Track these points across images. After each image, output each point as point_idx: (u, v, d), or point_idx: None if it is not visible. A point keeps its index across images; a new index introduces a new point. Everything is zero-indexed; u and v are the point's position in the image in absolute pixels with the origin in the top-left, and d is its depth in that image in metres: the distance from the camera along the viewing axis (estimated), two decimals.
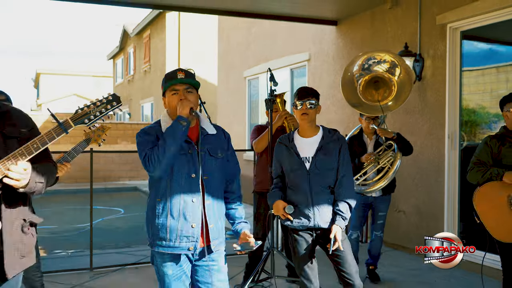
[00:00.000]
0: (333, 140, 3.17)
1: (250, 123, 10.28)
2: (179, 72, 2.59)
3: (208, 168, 2.62)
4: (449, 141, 5.40)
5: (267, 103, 4.38)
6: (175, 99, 2.58)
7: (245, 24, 10.37)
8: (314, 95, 3.23)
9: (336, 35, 7.37)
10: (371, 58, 4.58)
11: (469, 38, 5.37)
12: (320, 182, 3.11)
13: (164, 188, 2.55)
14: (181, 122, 2.49)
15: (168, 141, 2.47)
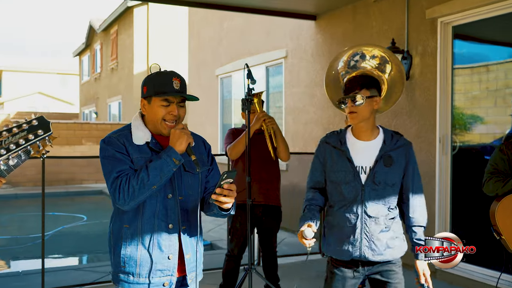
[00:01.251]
0: (397, 147, 2.48)
1: (223, 124, 9.75)
2: (175, 79, 2.07)
3: (184, 187, 2.13)
4: (440, 145, 4.98)
5: (244, 103, 3.86)
6: (164, 110, 2.08)
7: (216, 19, 9.83)
8: (365, 85, 2.48)
9: (315, 30, 6.90)
10: (358, 53, 4.14)
11: (460, 36, 4.96)
12: (377, 201, 2.43)
13: (134, 213, 2.08)
14: (175, 160, 2.00)
15: (153, 178, 1.98)
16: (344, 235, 2.45)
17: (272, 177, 4.10)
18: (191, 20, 11.25)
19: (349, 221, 2.44)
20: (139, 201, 1.99)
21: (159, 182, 1.97)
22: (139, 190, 1.95)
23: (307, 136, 6.83)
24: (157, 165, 1.98)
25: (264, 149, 4.01)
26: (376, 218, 2.41)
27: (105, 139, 2.09)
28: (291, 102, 7.45)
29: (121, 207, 2.01)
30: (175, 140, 2.01)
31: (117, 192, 1.96)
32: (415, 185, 2.49)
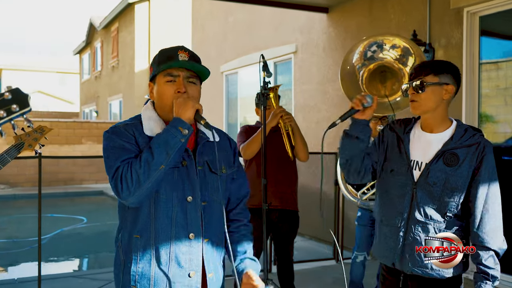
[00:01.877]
0: (469, 144, 2.06)
1: (228, 123, 9.41)
2: (181, 52, 1.77)
3: (208, 190, 1.78)
4: None
5: (259, 98, 3.52)
6: (170, 89, 1.74)
7: (221, 13, 9.49)
8: (435, 69, 2.08)
9: (327, 23, 6.56)
10: (375, 43, 3.78)
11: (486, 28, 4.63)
12: (430, 204, 2.06)
13: (145, 219, 1.71)
14: (181, 129, 1.66)
15: (158, 156, 1.63)
16: (388, 234, 2.15)
17: (289, 179, 3.77)
18: (195, 14, 10.91)
19: (394, 221, 2.12)
20: (147, 189, 1.63)
21: (167, 159, 1.63)
22: (144, 173, 1.61)
23: (319, 135, 6.48)
24: (161, 139, 1.65)
25: (280, 148, 3.68)
26: (425, 223, 2.05)
27: (110, 129, 1.75)
28: (301, 100, 7.11)
29: (127, 202, 1.66)
30: (178, 108, 1.68)
31: (119, 182, 1.63)
32: (488, 195, 2.02)
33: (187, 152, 1.76)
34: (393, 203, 2.14)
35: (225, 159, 1.88)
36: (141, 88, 16.58)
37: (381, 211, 2.21)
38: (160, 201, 1.70)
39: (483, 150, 2.03)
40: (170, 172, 1.71)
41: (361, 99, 2.13)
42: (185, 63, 1.73)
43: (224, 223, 1.70)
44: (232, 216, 1.93)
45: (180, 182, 1.72)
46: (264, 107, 3.38)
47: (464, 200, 2.05)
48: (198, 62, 1.79)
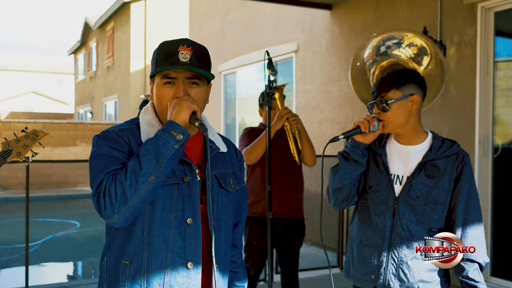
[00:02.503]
0: (448, 155, 1.99)
1: (226, 124, 9.14)
2: (182, 47, 1.49)
3: (217, 208, 1.55)
4: (480, 146, 4.39)
5: (263, 98, 3.26)
6: (169, 92, 1.50)
7: (219, 12, 9.22)
8: (394, 83, 2.00)
9: (330, 21, 6.30)
10: (393, 38, 3.52)
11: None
12: (413, 220, 1.96)
13: (137, 243, 1.46)
14: (174, 134, 1.41)
15: (146, 165, 1.38)
16: (368, 257, 2.03)
17: (295, 185, 3.50)
18: (192, 13, 10.64)
19: (376, 240, 2.01)
20: (134, 206, 1.37)
21: (157, 169, 1.38)
22: (130, 186, 1.35)
23: (321, 136, 6.22)
24: (150, 146, 1.40)
25: (286, 152, 3.41)
26: (409, 240, 1.95)
27: (101, 134, 1.51)
28: (303, 100, 6.84)
29: (111, 221, 1.40)
30: (172, 110, 1.45)
31: (102, 197, 1.37)
32: (470, 207, 1.96)
33: (189, 167, 1.50)
34: (373, 221, 2.03)
35: (233, 172, 1.63)
36: (137, 89, 16.30)
37: (360, 231, 2.08)
38: (156, 222, 1.45)
39: (463, 160, 1.99)
40: (169, 189, 1.46)
41: (370, 121, 1.98)
42: (184, 65, 1.47)
43: (212, 247, 1.44)
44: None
45: (180, 201, 1.47)
46: (269, 107, 3.11)
47: (447, 213, 1.99)
48: (203, 60, 1.52)
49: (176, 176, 1.47)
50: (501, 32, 4.39)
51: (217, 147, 1.60)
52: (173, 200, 1.47)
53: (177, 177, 1.48)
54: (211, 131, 1.63)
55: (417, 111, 2.02)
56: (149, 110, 1.57)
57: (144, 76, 16.44)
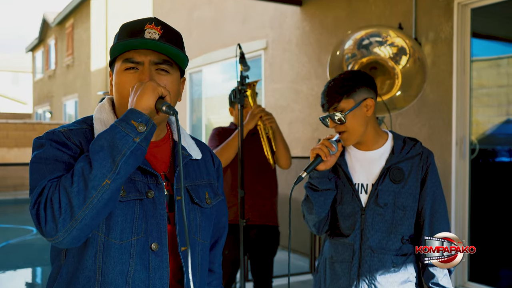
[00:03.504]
0: (411, 156, 1.88)
1: (192, 124, 8.84)
2: (149, 26, 1.21)
3: (189, 229, 1.25)
4: (457, 147, 4.26)
5: (234, 95, 3.01)
6: (131, 80, 1.20)
7: (185, 8, 8.91)
8: (343, 91, 1.85)
9: (300, 17, 6.09)
10: (375, 35, 3.37)
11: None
12: (384, 229, 1.85)
13: (87, 276, 1.15)
14: (135, 124, 1.10)
15: (99, 165, 1.06)
16: (339, 273, 1.91)
17: (269, 190, 3.27)
18: (156, 10, 10.29)
19: (345, 255, 1.89)
20: (84, 220, 1.06)
21: (113, 169, 1.07)
22: (79, 193, 1.05)
23: (291, 137, 6.01)
24: (104, 141, 1.09)
25: (259, 154, 3.16)
26: (381, 253, 1.85)
27: (45, 135, 1.20)
28: (272, 100, 6.62)
29: (55, 240, 1.07)
30: (133, 96, 1.15)
31: (43, 209, 1.06)
32: (435, 208, 1.88)
33: (155, 179, 1.21)
34: (342, 236, 1.91)
35: (210, 184, 1.35)
36: (98, 88, 15.78)
37: (331, 246, 1.96)
38: (112, 249, 1.15)
39: (427, 160, 1.90)
40: (130, 207, 1.17)
41: (329, 146, 1.81)
42: (153, 43, 1.18)
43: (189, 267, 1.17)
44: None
45: (143, 222, 1.18)
46: (241, 105, 2.87)
47: (416, 218, 1.90)
48: (174, 42, 1.24)
49: (138, 190, 1.19)
50: (477, 31, 4.28)
51: (189, 153, 1.31)
52: (135, 220, 1.18)
53: (140, 192, 1.19)
54: (183, 134, 1.34)
55: (373, 114, 1.92)
56: (105, 108, 1.27)
57: (106, 75, 15.93)
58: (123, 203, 1.17)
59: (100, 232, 1.15)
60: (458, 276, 4.20)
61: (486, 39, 4.54)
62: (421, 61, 3.36)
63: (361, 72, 1.98)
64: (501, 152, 4.40)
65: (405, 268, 1.87)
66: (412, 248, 1.90)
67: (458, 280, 4.22)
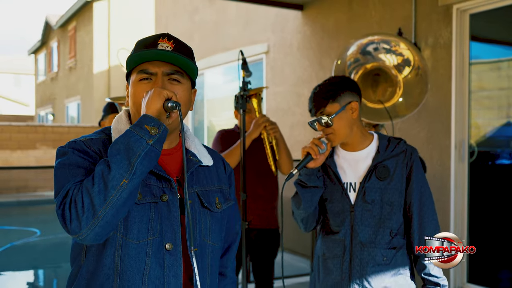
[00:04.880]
0: (395, 154, 1.98)
1: (194, 127, 8.90)
2: (162, 40, 1.31)
3: (200, 232, 1.34)
4: (456, 151, 4.32)
5: (237, 101, 3.07)
6: (144, 89, 1.30)
7: (186, 12, 8.98)
8: (328, 96, 1.96)
9: (301, 21, 6.16)
10: (384, 42, 3.43)
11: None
12: (372, 224, 1.94)
13: (106, 274, 1.25)
14: (148, 128, 1.20)
15: (116, 167, 1.17)
16: (331, 269, 2.00)
17: (270, 194, 3.33)
18: (158, 13, 10.36)
19: (337, 251, 1.99)
20: (105, 217, 1.15)
21: (129, 170, 1.17)
22: (99, 193, 1.14)
23: (293, 140, 6.07)
24: (120, 144, 1.19)
25: (261, 159, 3.23)
26: (371, 247, 1.93)
27: (68, 144, 1.30)
28: (274, 103, 6.68)
29: (80, 237, 1.17)
30: (147, 100, 1.25)
31: (67, 209, 1.15)
32: (423, 202, 1.97)
33: (169, 184, 1.30)
34: (333, 233, 2.02)
35: (220, 190, 1.43)
36: (101, 90, 15.86)
37: (323, 244, 2.06)
38: (129, 248, 1.24)
39: (411, 157, 1.99)
40: (146, 209, 1.26)
41: (319, 145, 1.93)
42: (165, 53, 1.26)
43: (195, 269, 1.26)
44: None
45: (158, 224, 1.27)
46: (244, 110, 2.93)
47: (403, 212, 1.99)
48: (186, 53, 1.33)
49: (153, 194, 1.28)
50: (476, 35, 4.34)
51: (199, 160, 1.40)
52: (150, 221, 1.27)
53: (155, 196, 1.28)
54: (193, 142, 1.43)
55: (358, 116, 2.02)
56: (123, 119, 1.36)
57: (108, 78, 16.01)
58: (139, 205, 1.26)
59: (119, 232, 1.24)
60: (458, 277, 4.25)
61: (487, 42, 4.60)
62: (424, 75, 3.41)
63: (345, 77, 2.09)
64: (501, 154, 4.45)
65: (396, 261, 1.95)
66: (402, 242, 1.98)
67: (457, 281, 4.28)
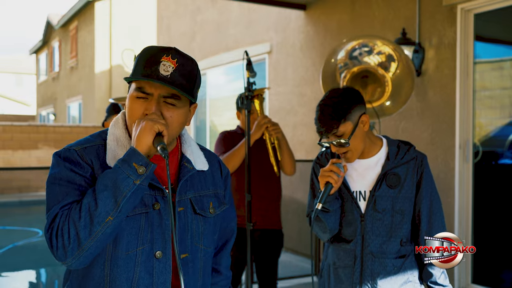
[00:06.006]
0: (405, 161, 1.95)
1: (196, 126, 8.89)
2: (166, 58, 1.28)
3: (191, 238, 1.36)
4: (461, 151, 4.30)
5: (241, 101, 3.05)
6: (140, 108, 1.31)
7: (189, 12, 8.97)
8: (340, 116, 1.85)
9: (304, 21, 6.14)
10: (365, 46, 3.45)
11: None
12: (383, 234, 1.91)
13: (96, 282, 1.29)
14: (136, 166, 1.22)
15: (103, 204, 1.20)
16: (342, 278, 1.99)
17: (273, 195, 3.32)
18: (160, 13, 10.34)
19: (347, 260, 1.97)
20: (90, 249, 1.20)
21: (115, 209, 1.20)
22: (85, 228, 1.18)
23: (295, 140, 6.07)
24: (108, 180, 1.22)
25: (264, 160, 3.22)
26: (382, 257, 1.93)
27: (62, 152, 1.31)
28: (276, 103, 6.67)
29: (66, 264, 1.24)
30: (135, 133, 1.27)
31: (55, 237, 1.20)
32: (432, 210, 1.96)
33: (162, 193, 1.31)
34: (344, 242, 1.98)
35: (215, 194, 1.44)
36: (102, 90, 15.84)
37: (334, 253, 2.03)
38: (119, 258, 1.27)
39: (422, 164, 1.97)
40: (136, 220, 1.28)
41: (337, 171, 1.86)
42: (164, 79, 1.26)
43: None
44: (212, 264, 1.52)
45: (148, 232, 1.30)
46: (248, 111, 2.92)
47: (413, 220, 1.97)
48: (187, 78, 1.31)
49: (145, 204, 1.30)
50: (480, 34, 4.32)
51: (193, 167, 1.40)
52: (141, 231, 1.29)
53: (147, 205, 1.30)
54: (190, 147, 1.43)
55: (369, 126, 1.97)
56: (119, 124, 1.38)
57: (110, 77, 15.99)
58: (130, 217, 1.28)
59: (108, 244, 1.27)
60: (462, 278, 4.24)
61: (490, 42, 4.58)
62: (409, 67, 3.42)
63: (348, 89, 2.00)
64: (505, 154, 4.43)
65: (405, 269, 1.94)
66: (411, 249, 1.97)
67: (461, 282, 4.27)
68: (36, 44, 23.67)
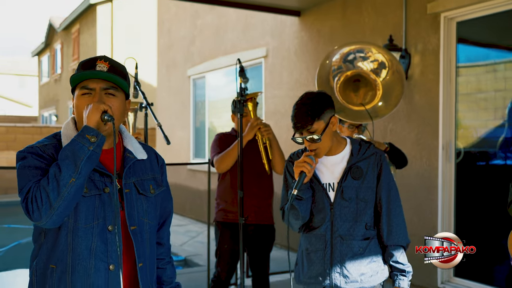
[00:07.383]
0: (367, 156, 2.25)
1: (196, 127, 9.13)
2: (100, 61, 1.67)
3: (137, 214, 1.70)
4: (444, 151, 4.54)
5: (235, 105, 3.30)
6: (86, 102, 1.64)
7: (188, 16, 9.22)
8: (314, 115, 2.11)
9: (299, 27, 6.39)
10: (359, 51, 3.69)
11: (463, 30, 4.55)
12: (350, 219, 2.20)
13: (61, 249, 1.61)
14: (89, 137, 1.55)
15: (66, 169, 1.52)
16: (314, 261, 2.24)
17: (265, 193, 3.57)
18: (161, 17, 10.59)
19: (319, 245, 2.23)
20: (59, 208, 1.51)
21: (75, 171, 1.52)
22: (53, 190, 1.49)
23: (290, 142, 6.29)
24: (68, 151, 1.54)
25: (256, 159, 3.47)
26: (349, 239, 2.19)
27: (25, 149, 1.63)
28: (272, 106, 6.92)
29: (41, 224, 1.53)
30: (87, 114, 1.60)
31: (30, 203, 1.51)
32: (390, 198, 2.25)
33: (109, 178, 1.64)
34: (315, 229, 2.24)
35: (153, 178, 1.78)
36: None
37: (306, 239, 2.28)
38: (79, 231, 1.60)
39: (380, 158, 2.25)
40: (92, 200, 1.62)
41: (310, 162, 2.12)
42: (101, 74, 1.61)
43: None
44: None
45: (101, 211, 1.63)
46: (241, 114, 3.17)
47: (375, 207, 2.25)
48: (119, 73, 1.67)
49: (97, 187, 1.62)
50: (463, 39, 4.56)
51: (134, 156, 1.73)
52: (95, 209, 1.62)
53: (99, 189, 1.62)
54: (130, 141, 1.76)
55: (336, 127, 2.24)
56: (70, 126, 1.69)
57: None
58: (86, 197, 1.60)
59: (70, 219, 1.59)
60: (445, 271, 4.48)
61: (473, 45, 4.80)
62: (399, 73, 3.65)
63: (321, 93, 2.22)
64: (486, 154, 4.66)
65: (370, 250, 2.20)
66: (374, 233, 2.24)
67: (444, 275, 4.51)
68: (38, 46, 23.92)
